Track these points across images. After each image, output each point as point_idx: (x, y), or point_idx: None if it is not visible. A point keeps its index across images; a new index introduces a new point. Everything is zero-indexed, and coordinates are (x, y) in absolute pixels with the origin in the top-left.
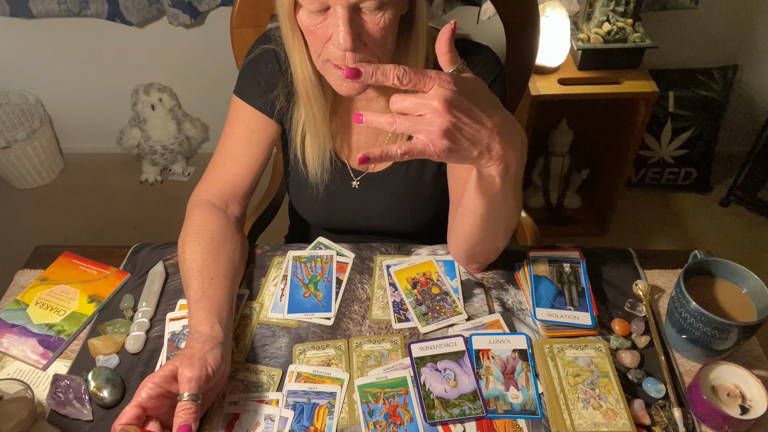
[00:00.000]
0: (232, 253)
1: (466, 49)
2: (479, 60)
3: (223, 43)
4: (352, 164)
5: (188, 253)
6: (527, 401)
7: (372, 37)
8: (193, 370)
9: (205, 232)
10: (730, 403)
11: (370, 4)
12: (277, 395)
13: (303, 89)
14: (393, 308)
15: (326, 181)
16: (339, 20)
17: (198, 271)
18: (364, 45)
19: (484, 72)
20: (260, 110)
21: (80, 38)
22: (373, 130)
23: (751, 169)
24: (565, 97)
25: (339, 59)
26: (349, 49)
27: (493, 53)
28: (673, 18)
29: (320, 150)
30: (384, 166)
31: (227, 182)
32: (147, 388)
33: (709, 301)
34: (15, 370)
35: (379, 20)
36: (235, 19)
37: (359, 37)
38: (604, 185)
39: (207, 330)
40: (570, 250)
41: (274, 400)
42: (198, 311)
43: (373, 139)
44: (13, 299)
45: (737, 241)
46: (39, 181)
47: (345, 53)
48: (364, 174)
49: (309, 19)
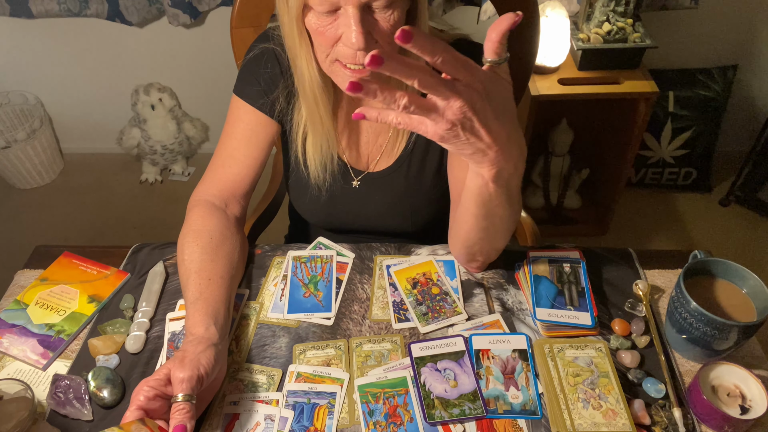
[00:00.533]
0: (230, 254)
1: (464, 50)
2: (478, 60)
3: (223, 43)
4: (353, 164)
5: (186, 254)
6: (527, 401)
7: (383, 35)
8: (185, 371)
9: (203, 233)
10: (730, 403)
11: (381, 2)
12: (277, 395)
13: (309, 91)
14: (393, 308)
15: (325, 181)
16: (350, 20)
17: (195, 272)
18: (375, 42)
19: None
20: (260, 110)
21: (80, 38)
22: (373, 130)
23: (751, 169)
24: (565, 97)
25: (350, 58)
26: (362, 48)
27: None
28: (673, 18)
29: (323, 151)
30: (385, 166)
31: (227, 182)
32: (143, 391)
33: (709, 301)
34: (15, 370)
35: (389, 17)
36: (235, 19)
37: (371, 36)
38: (604, 185)
39: (201, 332)
40: (570, 250)
41: (274, 400)
42: (194, 312)
43: (373, 138)
44: (13, 299)
45: (737, 241)
46: (39, 181)
47: (356, 52)
48: (365, 174)
49: (318, 20)
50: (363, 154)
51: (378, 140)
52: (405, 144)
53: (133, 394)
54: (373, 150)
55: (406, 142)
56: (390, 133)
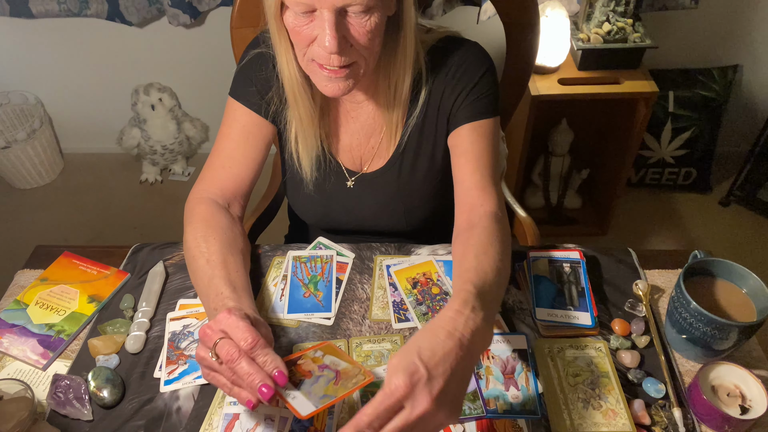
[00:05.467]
0: (243, 251)
1: (453, 47)
2: (467, 57)
3: (223, 43)
4: (348, 165)
5: (204, 246)
6: (527, 401)
7: (358, 40)
8: (263, 326)
9: (217, 228)
10: (730, 403)
11: (357, 8)
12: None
13: (289, 89)
14: (393, 308)
15: (321, 181)
16: (325, 23)
17: (221, 263)
18: (350, 46)
19: (473, 68)
20: (255, 111)
21: (80, 38)
22: (364, 132)
23: (751, 169)
24: (565, 97)
25: (324, 60)
26: (335, 52)
27: (481, 49)
28: (673, 18)
29: (309, 148)
30: (378, 166)
31: (228, 182)
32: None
33: (709, 301)
34: (15, 370)
35: (365, 23)
36: (235, 19)
37: (345, 40)
38: (604, 185)
39: (252, 306)
40: (570, 250)
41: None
42: (240, 297)
43: (365, 141)
44: (13, 299)
45: (737, 241)
46: (39, 181)
47: (330, 55)
48: (359, 175)
49: (295, 20)
50: (356, 155)
51: (370, 142)
52: (396, 145)
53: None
54: (366, 151)
55: (397, 144)
56: (381, 135)
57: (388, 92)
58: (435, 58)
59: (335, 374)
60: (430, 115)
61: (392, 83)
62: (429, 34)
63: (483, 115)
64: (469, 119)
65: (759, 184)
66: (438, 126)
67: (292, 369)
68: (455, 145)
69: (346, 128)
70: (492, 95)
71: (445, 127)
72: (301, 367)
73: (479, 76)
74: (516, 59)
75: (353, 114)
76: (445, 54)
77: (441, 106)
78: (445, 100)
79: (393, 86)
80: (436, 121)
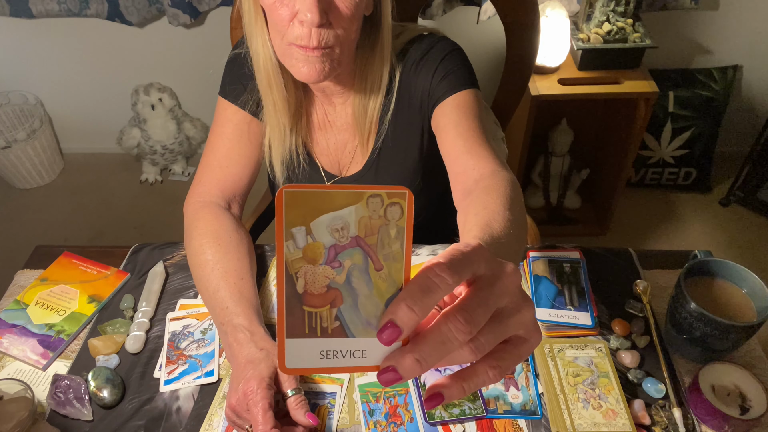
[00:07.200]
0: (249, 252)
1: (417, 43)
2: (430, 46)
3: (223, 43)
4: (328, 168)
5: (209, 254)
6: (527, 401)
7: (338, 16)
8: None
9: (222, 234)
10: (730, 403)
11: None
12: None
13: (263, 71)
14: None
15: (299, 182)
16: None
17: (227, 272)
18: (329, 25)
19: (436, 52)
20: (245, 109)
21: (80, 38)
22: (341, 135)
23: (751, 170)
24: (565, 97)
25: (305, 38)
26: (316, 25)
27: (445, 37)
28: (673, 18)
29: (282, 143)
30: (356, 169)
31: (227, 182)
32: (267, 414)
33: (709, 301)
34: (15, 370)
35: (347, 1)
36: (235, 19)
37: (326, 15)
38: (604, 185)
39: (262, 331)
40: (570, 250)
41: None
42: (244, 310)
43: (341, 145)
44: (13, 299)
45: (737, 241)
46: (39, 181)
47: (311, 30)
48: (338, 178)
49: None
50: (334, 159)
51: (347, 147)
52: (372, 149)
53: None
54: (344, 155)
55: (372, 148)
56: (357, 141)
57: (363, 95)
58: (400, 57)
59: (357, 247)
60: (403, 113)
61: (368, 85)
62: (398, 39)
63: (455, 89)
64: (443, 96)
65: (759, 184)
66: (412, 121)
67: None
68: (436, 127)
69: (324, 132)
70: (461, 69)
71: (421, 121)
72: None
73: (443, 56)
74: (516, 59)
75: (330, 117)
76: (409, 51)
77: (411, 99)
78: (415, 91)
79: (369, 88)
80: (410, 117)
